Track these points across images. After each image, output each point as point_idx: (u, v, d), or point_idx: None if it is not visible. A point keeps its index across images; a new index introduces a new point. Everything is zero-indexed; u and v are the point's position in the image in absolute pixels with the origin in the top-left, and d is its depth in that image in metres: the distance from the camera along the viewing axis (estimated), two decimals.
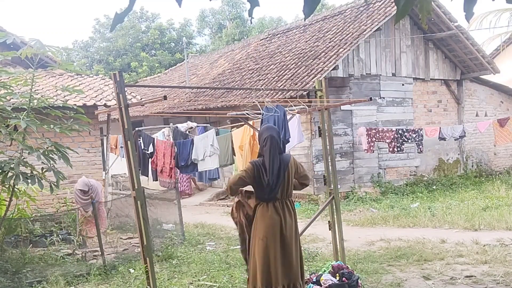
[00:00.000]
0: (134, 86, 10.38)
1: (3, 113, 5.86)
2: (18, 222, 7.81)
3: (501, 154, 17.04)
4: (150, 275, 4.76)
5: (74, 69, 8.89)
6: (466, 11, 2.12)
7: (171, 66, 29.66)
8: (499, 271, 5.86)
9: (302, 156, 12.87)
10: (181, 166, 8.48)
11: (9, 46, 7.57)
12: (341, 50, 12.89)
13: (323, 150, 6.32)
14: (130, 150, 4.77)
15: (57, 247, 7.55)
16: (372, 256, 6.97)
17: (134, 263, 6.97)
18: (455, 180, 14.57)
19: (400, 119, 14.29)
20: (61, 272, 6.43)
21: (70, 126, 6.19)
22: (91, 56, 36.77)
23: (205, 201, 14.69)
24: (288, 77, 13.45)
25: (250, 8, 2.20)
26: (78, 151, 9.03)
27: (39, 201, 8.61)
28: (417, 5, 2.27)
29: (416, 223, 9.37)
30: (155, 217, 9.01)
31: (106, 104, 10.31)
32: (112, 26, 2.41)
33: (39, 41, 5.89)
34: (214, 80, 17.96)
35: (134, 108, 15.32)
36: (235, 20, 34.81)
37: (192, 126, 9.88)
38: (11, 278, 6.23)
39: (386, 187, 13.36)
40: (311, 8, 2.15)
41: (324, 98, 6.18)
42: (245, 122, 7.01)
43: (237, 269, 6.40)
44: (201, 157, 8.08)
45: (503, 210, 9.71)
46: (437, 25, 14.32)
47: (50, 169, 5.94)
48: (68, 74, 11.49)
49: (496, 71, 15.40)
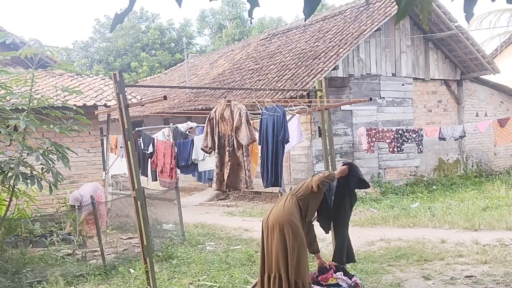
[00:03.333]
0: (134, 86, 10.39)
1: (3, 114, 5.85)
2: (18, 222, 7.81)
3: (501, 154, 17.04)
4: (150, 275, 4.77)
5: (74, 69, 8.91)
6: (466, 11, 2.12)
7: (171, 66, 29.66)
8: (499, 271, 5.86)
9: (302, 156, 12.87)
10: (182, 166, 8.48)
11: (9, 46, 7.58)
12: (341, 50, 12.88)
13: (323, 150, 6.32)
14: (130, 150, 4.77)
15: (57, 247, 7.55)
16: (372, 256, 6.97)
17: (134, 263, 6.97)
18: (455, 180, 14.57)
19: (400, 119, 14.29)
20: (61, 272, 6.42)
21: (70, 127, 6.19)
22: (91, 56, 36.76)
23: (205, 201, 14.69)
24: (288, 77, 13.45)
25: (250, 8, 2.20)
26: (78, 151, 9.03)
27: (39, 201, 8.61)
28: (418, 6, 2.26)
29: (416, 223, 9.36)
30: (155, 217, 9.00)
31: (106, 104, 10.31)
32: (112, 26, 2.40)
33: (39, 41, 5.89)
34: (214, 80, 17.96)
35: (134, 108, 15.32)
36: (235, 20, 34.82)
37: (192, 126, 9.85)
38: (11, 278, 6.23)
39: (386, 187, 13.35)
40: (311, 8, 2.15)
41: (324, 98, 6.18)
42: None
43: (237, 269, 6.40)
44: (201, 157, 8.08)
45: (503, 210, 9.70)
46: (437, 25, 14.32)
47: (49, 169, 5.94)
48: (68, 74, 11.48)
49: (496, 71, 15.39)
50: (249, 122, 5.69)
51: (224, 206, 13.91)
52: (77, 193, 8.90)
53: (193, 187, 16.37)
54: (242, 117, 5.61)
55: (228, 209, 13.13)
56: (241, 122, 5.60)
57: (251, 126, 5.77)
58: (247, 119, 5.64)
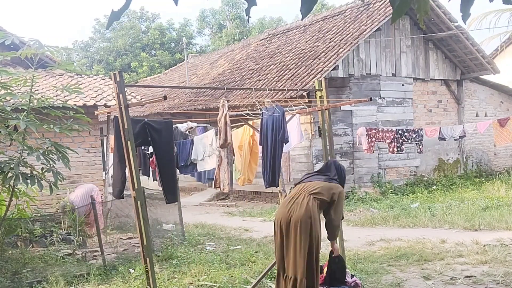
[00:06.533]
0: (134, 86, 10.39)
1: (3, 114, 5.86)
2: (18, 222, 7.80)
3: (501, 154, 17.04)
4: (150, 275, 4.76)
5: (74, 69, 8.90)
6: (463, 12, 2.12)
7: (171, 66, 29.66)
8: (499, 271, 5.86)
9: (302, 156, 12.88)
10: (181, 166, 8.47)
11: (9, 47, 7.55)
12: (341, 50, 12.89)
13: (323, 150, 6.31)
14: (130, 150, 4.77)
15: (57, 247, 7.55)
16: (372, 256, 6.97)
17: (134, 263, 6.96)
18: (455, 180, 14.57)
19: (400, 119, 14.29)
20: (61, 272, 6.42)
21: (70, 126, 6.19)
22: (91, 56, 36.78)
23: (205, 201, 14.70)
24: (288, 77, 13.46)
25: (247, 7, 2.20)
26: (78, 151, 9.03)
27: (39, 201, 8.61)
28: (415, 5, 2.26)
29: (416, 223, 9.37)
30: (155, 217, 9.00)
31: (106, 104, 10.31)
32: (108, 23, 2.39)
33: (39, 41, 5.89)
34: (214, 80, 17.96)
35: (134, 108, 15.33)
36: (235, 20, 34.84)
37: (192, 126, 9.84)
38: (11, 278, 6.23)
39: (386, 187, 13.35)
40: (308, 8, 2.15)
41: (324, 98, 6.18)
42: (245, 122, 7.01)
43: (237, 269, 6.40)
44: (201, 157, 8.07)
45: (503, 210, 9.70)
46: (437, 25, 14.32)
47: (49, 169, 5.94)
48: (68, 74, 11.48)
49: (496, 71, 15.39)
50: (228, 124, 5.79)
51: (224, 206, 13.91)
52: (63, 202, 9.01)
53: (193, 187, 16.38)
54: (227, 118, 5.72)
55: (228, 209, 13.13)
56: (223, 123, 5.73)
57: (229, 128, 5.87)
58: (226, 121, 5.74)
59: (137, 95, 11.35)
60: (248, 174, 7.09)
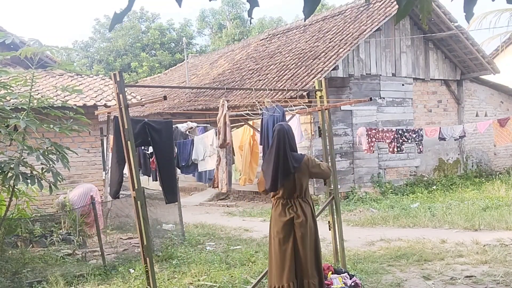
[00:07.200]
0: (134, 86, 10.38)
1: (3, 113, 5.85)
2: (18, 222, 7.80)
3: (501, 154, 17.04)
4: (150, 275, 4.76)
5: (74, 69, 8.91)
6: (466, 11, 2.12)
7: (171, 66, 29.66)
8: (499, 271, 5.86)
9: None
10: (182, 167, 8.48)
11: (9, 46, 7.57)
12: (341, 50, 12.88)
13: (323, 150, 6.31)
14: (130, 150, 4.77)
15: (57, 247, 7.54)
16: (372, 256, 6.97)
17: (134, 263, 6.96)
18: (455, 180, 14.56)
19: (400, 119, 14.29)
20: (61, 272, 6.42)
21: (69, 126, 6.18)
22: (91, 56, 36.77)
23: (205, 201, 14.69)
24: (288, 77, 13.45)
25: (249, 8, 2.20)
26: (78, 152, 9.03)
27: (39, 201, 8.61)
28: (418, 5, 2.26)
29: (416, 223, 9.37)
30: (155, 217, 9.00)
31: (106, 104, 10.30)
32: (111, 26, 2.39)
33: (39, 41, 5.89)
34: (214, 80, 17.95)
35: (134, 108, 15.32)
36: (235, 20, 34.84)
37: (192, 126, 9.84)
38: (11, 278, 6.23)
39: (386, 187, 13.35)
40: (311, 8, 2.15)
41: (324, 98, 6.18)
42: (245, 122, 7.01)
43: (237, 269, 6.40)
44: (201, 157, 8.07)
45: (503, 210, 9.70)
46: (437, 25, 14.32)
47: (49, 169, 5.94)
48: (68, 74, 11.48)
49: (496, 71, 15.39)
50: (227, 124, 5.79)
51: (224, 206, 13.91)
52: (59, 200, 8.97)
53: (193, 187, 16.37)
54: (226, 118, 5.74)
55: (228, 209, 13.13)
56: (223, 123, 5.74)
57: (229, 128, 5.88)
58: (225, 121, 5.75)
59: (137, 95, 11.35)
60: (249, 174, 7.10)
